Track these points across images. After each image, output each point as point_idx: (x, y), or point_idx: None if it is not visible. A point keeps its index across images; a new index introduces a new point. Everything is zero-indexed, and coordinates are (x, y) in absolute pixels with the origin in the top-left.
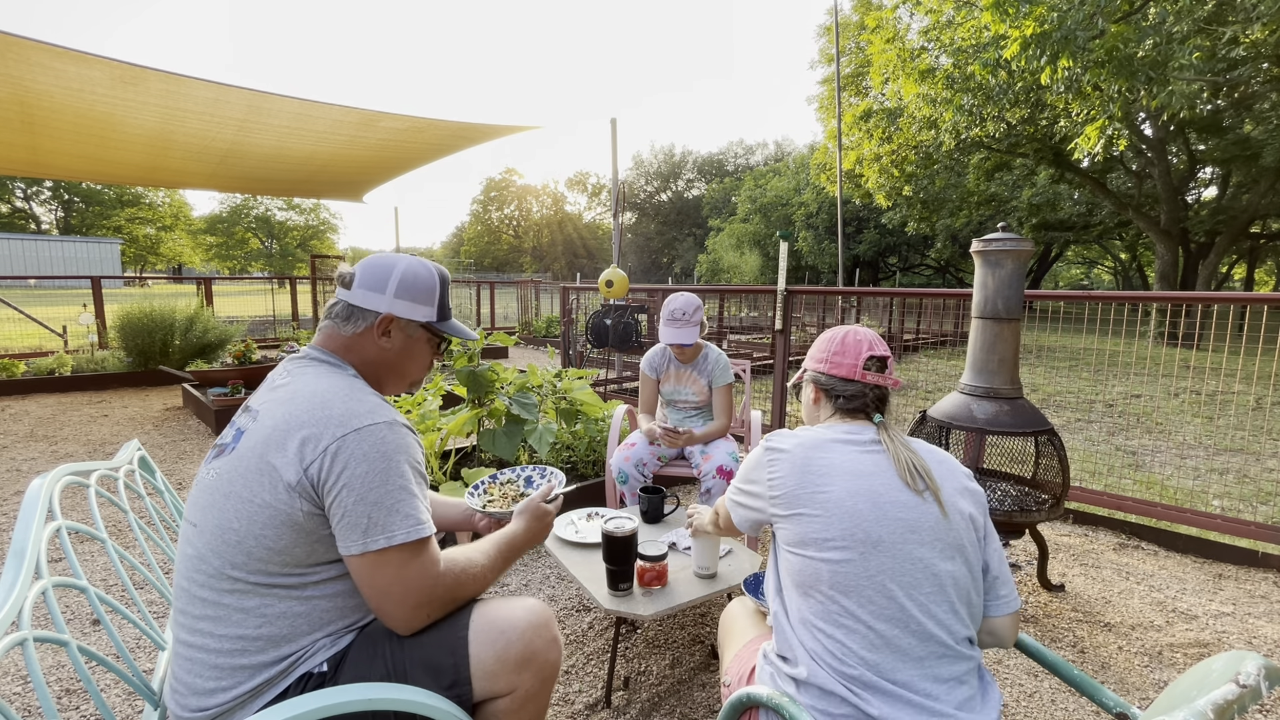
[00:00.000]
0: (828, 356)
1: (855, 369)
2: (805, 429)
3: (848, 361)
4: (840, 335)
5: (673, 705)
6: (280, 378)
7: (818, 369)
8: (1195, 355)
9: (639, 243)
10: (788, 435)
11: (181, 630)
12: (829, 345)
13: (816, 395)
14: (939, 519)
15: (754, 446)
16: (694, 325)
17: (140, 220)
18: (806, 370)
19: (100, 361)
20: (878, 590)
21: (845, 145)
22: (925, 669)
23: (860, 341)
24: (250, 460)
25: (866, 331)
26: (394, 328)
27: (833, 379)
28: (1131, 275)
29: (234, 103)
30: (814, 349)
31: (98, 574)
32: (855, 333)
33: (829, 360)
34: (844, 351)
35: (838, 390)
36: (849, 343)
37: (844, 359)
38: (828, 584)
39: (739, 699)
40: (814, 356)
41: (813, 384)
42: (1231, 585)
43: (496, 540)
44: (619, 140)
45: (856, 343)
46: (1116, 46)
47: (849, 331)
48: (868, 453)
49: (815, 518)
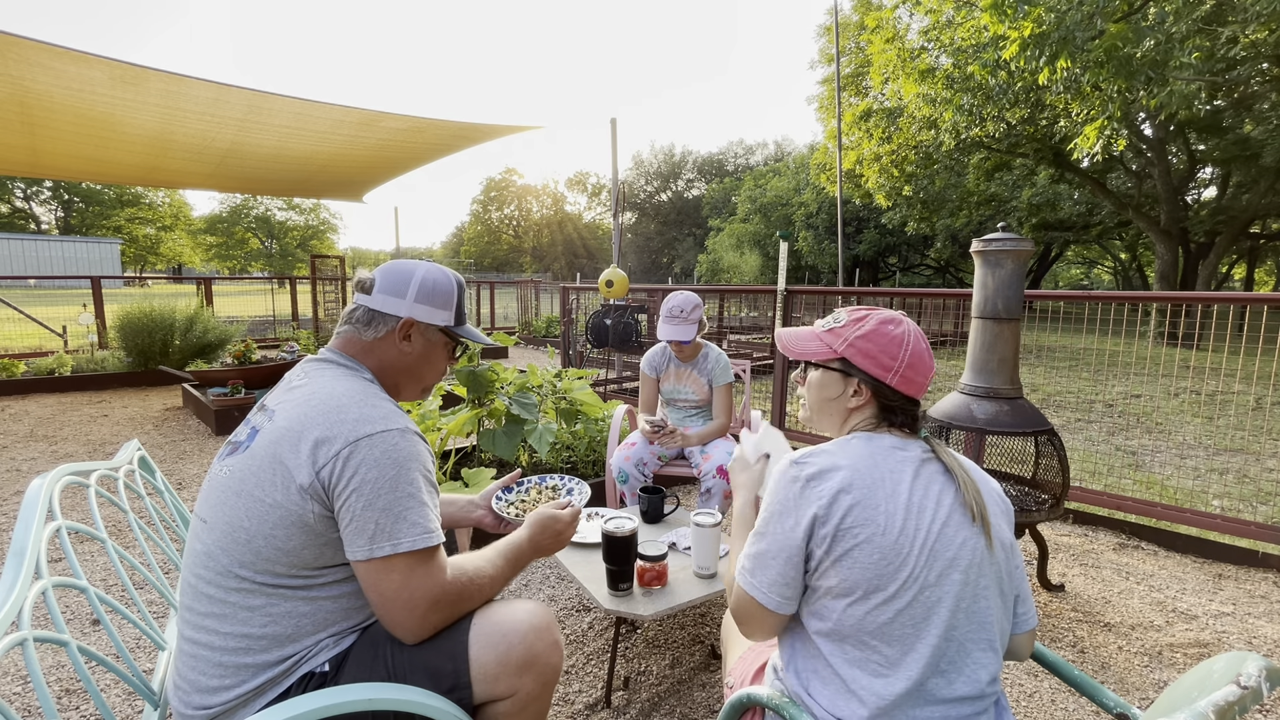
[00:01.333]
0: (898, 368)
1: (924, 387)
2: (848, 444)
3: (919, 379)
4: (910, 342)
5: (673, 705)
6: (298, 378)
7: (880, 376)
8: (1195, 355)
9: (639, 243)
10: (831, 456)
11: (186, 627)
12: (898, 352)
13: (864, 401)
14: (985, 553)
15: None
16: (692, 323)
17: (140, 220)
18: (856, 368)
19: (100, 361)
20: (922, 635)
21: (845, 145)
22: (949, 709)
23: (928, 353)
24: (263, 459)
25: (919, 331)
26: (414, 332)
27: (898, 395)
28: (1131, 275)
29: (234, 103)
30: (864, 342)
31: (98, 574)
32: (919, 338)
33: (899, 373)
34: (917, 367)
35: (900, 408)
36: (921, 354)
37: (916, 375)
38: (872, 632)
39: (739, 699)
40: (870, 356)
41: (869, 391)
42: (1231, 585)
43: (503, 548)
44: (619, 140)
45: (927, 356)
46: (1115, 46)
47: (915, 336)
48: (927, 478)
49: (868, 562)
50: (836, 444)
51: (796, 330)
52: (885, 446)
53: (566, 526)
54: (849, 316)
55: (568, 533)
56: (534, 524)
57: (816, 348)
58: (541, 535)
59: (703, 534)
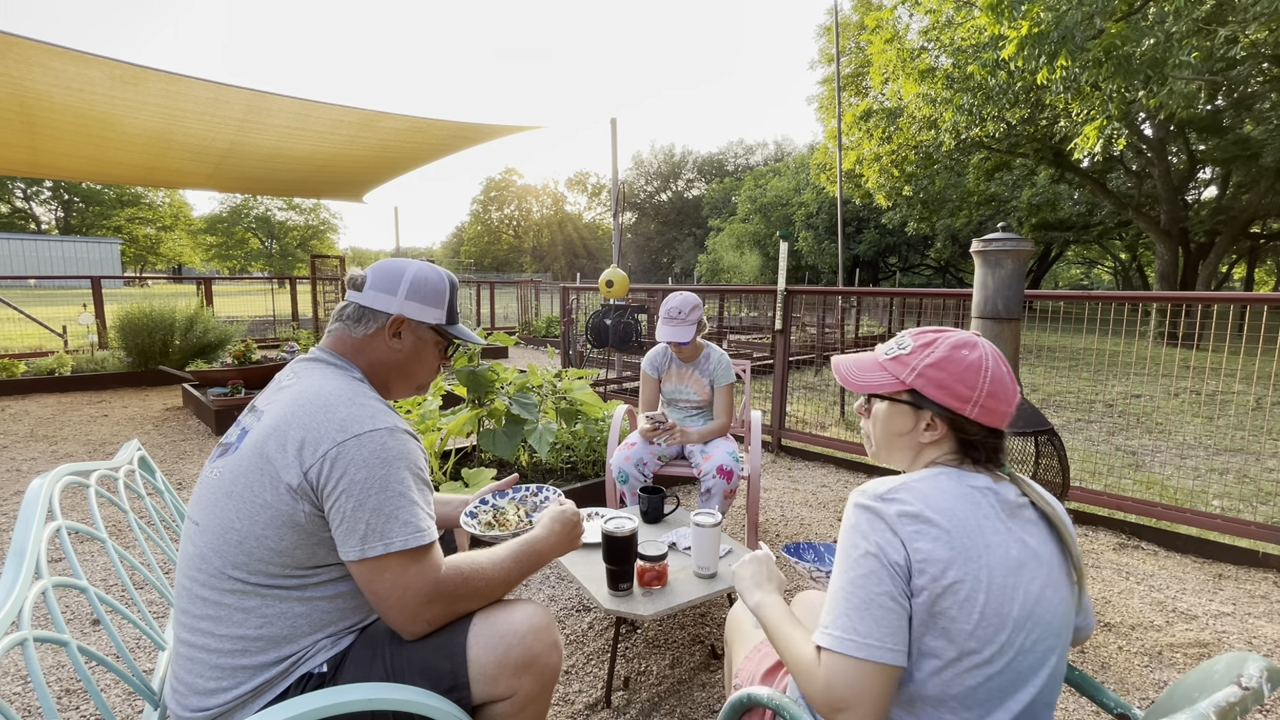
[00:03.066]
0: (978, 398)
1: (1009, 417)
2: (935, 481)
3: (1002, 409)
4: (989, 367)
5: (673, 705)
6: (287, 378)
7: (957, 409)
8: (1195, 355)
9: (639, 243)
10: (919, 494)
11: (182, 630)
12: (976, 380)
13: (939, 435)
14: (1073, 604)
15: (754, 446)
16: (690, 324)
17: (140, 220)
18: (928, 400)
19: (100, 361)
20: (1006, 701)
21: (845, 145)
22: None
23: (1009, 377)
24: (252, 460)
25: (997, 352)
26: (405, 329)
27: (979, 428)
28: (1131, 275)
29: (234, 103)
30: (936, 370)
31: (98, 574)
32: (998, 361)
33: (979, 404)
34: (1000, 395)
35: (981, 442)
36: (1002, 379)
37: (999, 404)
38: (954, 695)
39: (740, 699)
40: (943, 386)
41: (944, 425)
42: (1231, 585)
43: (514, 548)
44: (619, 140)
45: (1009, 381)
46: (1114, 46)
47: (994, 359)
48: (1023, 526)
49: (966, 623)
50: (922, 480)
51: (856, 358)
52: (978, 487)
53: (579, 519)
54: (915, 341)
55: (580, 531)
56: (551, 521)
57: (881, 378)
58: (562, 530)
59: (703, 534)
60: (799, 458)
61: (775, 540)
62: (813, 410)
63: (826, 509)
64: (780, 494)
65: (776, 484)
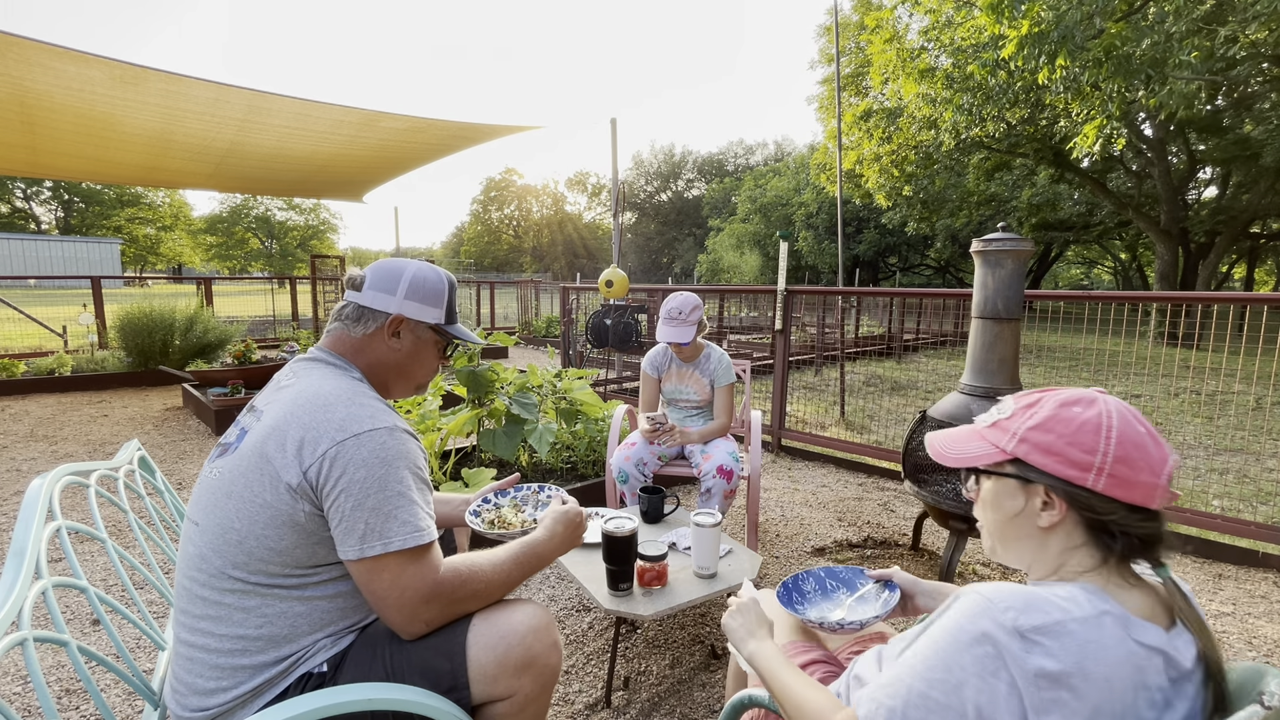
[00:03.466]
0: (1102, 464)
1: (1157, 490)
2: (1090, 622)
3: (1144, 479)
4: (1112, 424)
5: (673, 705)
6: (286, 378)
7: (1074, 479)
8: (1195, 355)
9: (639, 243)
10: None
11: (182, 630)
12: (1096, 440)
13: (1060, 516)
14: None
15: (754, 446)
16: (690, 324)
17: (140, 220)
18: (1034, 469)
19: (100, 361)
20: None
21: (845, 145)
22: None
23: (1151, 437)
24: (252, 460)
25: (1127, 409)
26: (404, 329)
27: (1114, 504)
28: (1131, 275)
29: (234, 102)
30: (1041, 433)
31: (98, 574)
32: (1128, 419)
33: (1105, 471)
34: (1135, 460)
35: (1123, 525)
36: (1137, 440)
37: (1136, 473)
38: None
39: (740, 699)
40: (1052, 451)
41: (1061, 499)
42: (1231, 585)
43: (514, 549)
44: (619, 140)
45: (1150, 441)
46: (1114, 45)
47: (1122, 415)
48: (1182, 699)
49: None
50: (1085, 622)
51: (951, 432)
52: (1149, 646)
53: (581, 519)
54: (1017, 403)
55: (582, 530)
56: (553, 522)
57: (979, 449)
58: (564, 531)
59: (703, 534)
60: (799, 458)
61: (775, 541)
62: (813, 410)
63: (826, 509)
64: (780, 494)
65: (776, 484)
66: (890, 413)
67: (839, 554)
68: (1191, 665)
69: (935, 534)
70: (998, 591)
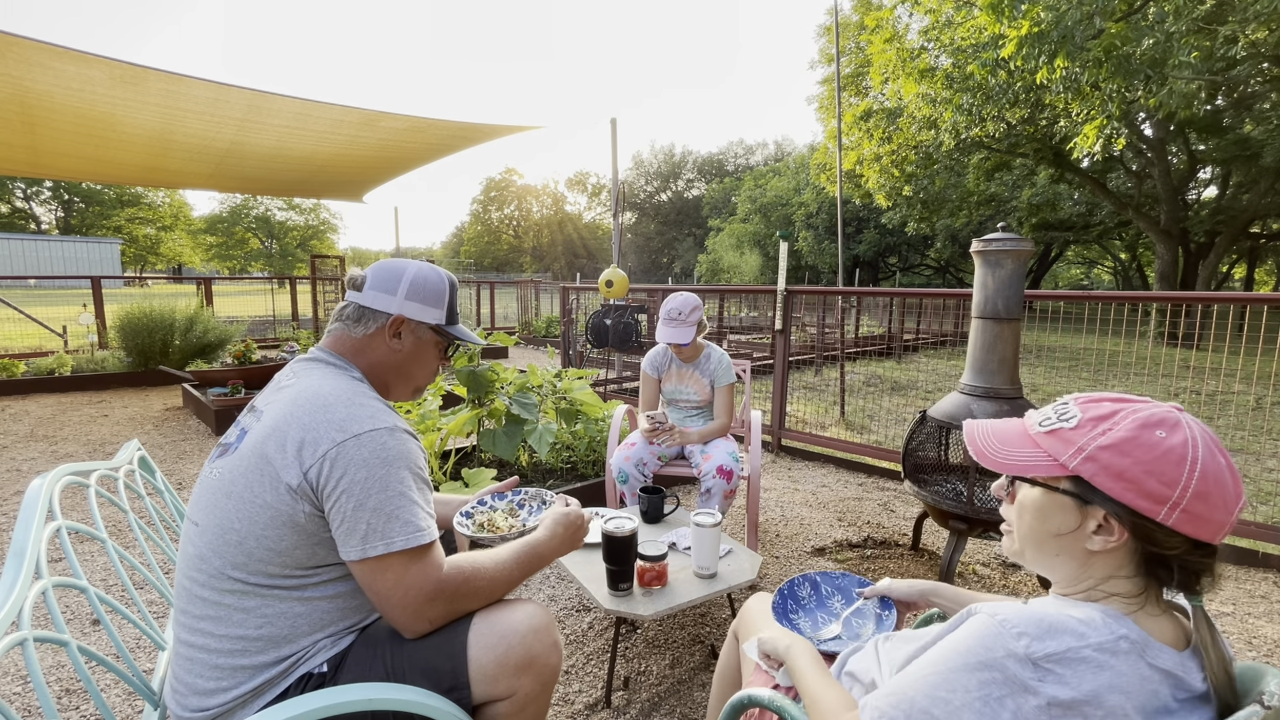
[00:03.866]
0: (1180, 499)
1: (1227, 527)
2: (1107, 648)
3: (1217, 516)
4: (1198, 455)
5: (673, 705)
6: (286, 378)
7: (1148, 510)
8: (1195, 355)
9: (639, 243)
10: (1083, 671)
11: (182, 630)
12: (1179, 473)
13: (1117, 543)
14: None
15: (754, 446)
16: (690, 325)
17: (140, 220)
18: (1102, 495)
19: (100, 361)
20: None
21: (845, 145)
22: None
23: (1230, 471)
24: (252, 460)
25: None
26: (405, 329)
27: (1180, 538)
28: (1131, 275)
29: (234, 102)
30: (1116, 455)
31: (98, 574)
32: (1212, 448)
33: (1182, 507)
34: (1214, 498)
35: (1182, 560)
36: (1218, 475)
37: (1212, 510)
38: None
39: (740, 700)
40: (1129, 480)
41: (1124, 528)
42: (1231, 585)
43: (515, 549)
44: (619, 140)
45: (1229, 476)
46: (1114, 45)
47: (1206, 444)
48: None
49: None
50: (1102, 649)
51: (996, 426)
52: (1162, 670)
53: (580, 526)
54: (1084, 412)
55: (583, 532)
56: (554, 523)
57: (1032, 457)
58: (565, 532)
59: (703, 534)
60: (799, 458)
61: (775, 541)
62: (813, 410)
63: (826, 509)
64: (780, 494)
65: (776, 484)
66: (890, 413)
67: (839, 554)
68: (1202, 686)
69: (935, 534)
70: (1010, 615)
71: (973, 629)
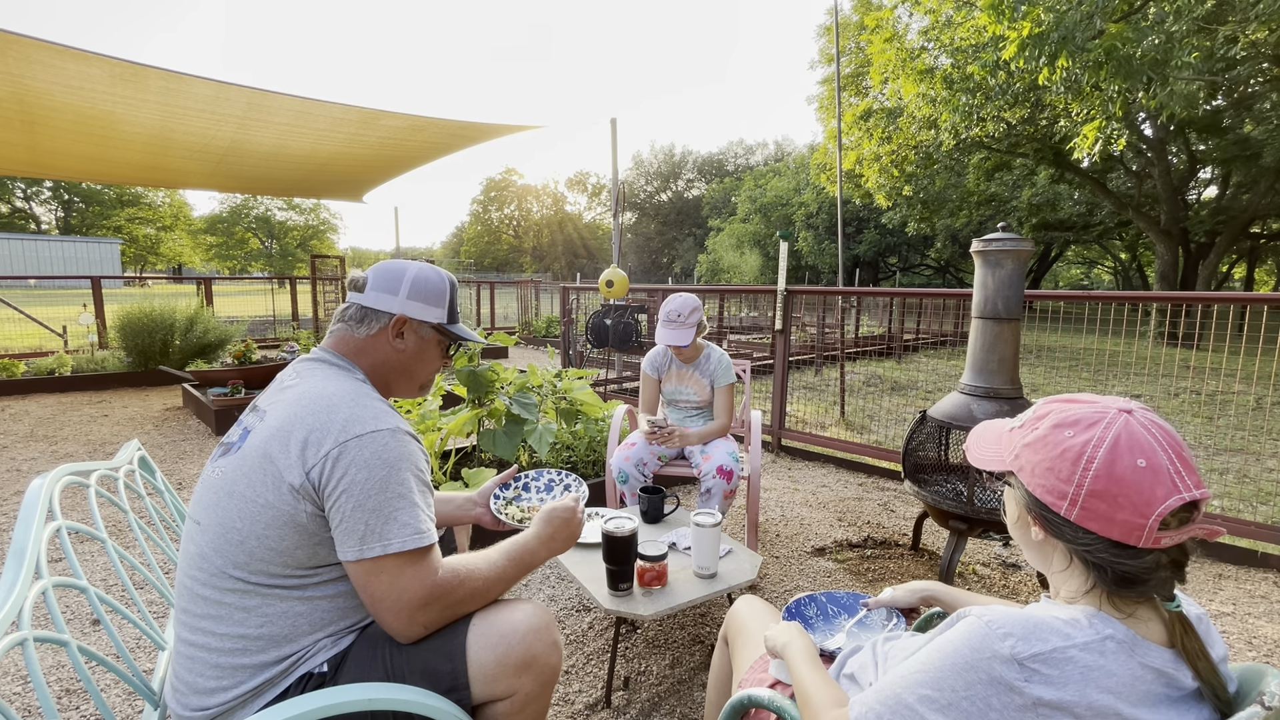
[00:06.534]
0: (1075, 493)
1: (1144, 529)
2: (1094, 646)
3: (1121, 516)
4: (1095, 454)
5: (673, 705)
6: (289, 378)
7: (1052, 504)
8: (1195, 355)
9: (639, 243)
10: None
11: (183, 629)
12: (1072, 470)
13: (1043, 537)
14: None
15: (754, 446)
16: (690, 327)
17: (140, 220)
18: (1023, 487)
19: (100, 361)
20: None
21: (845, 145)
22: None
23: (1157, 467)
24: (255, 460)
25: (1157, 425)
26: (407, 329)
27: (1091, 536)
28: (1131, 275)
29: (234, 101)
30: (1032, 452)
31: (98, 574)
32: (1130, 445)
33: (1078, 502)
34: (1117, 496)
35: (1100, 560)
36: (1142, 474)
37: (1114, 509)
38: None
39: (740, 700)
40: (1035, 473)
41: (1039, 522)
42: (1231, 585)
43: (506, 549)
44: (619, 140)
45: (1148, 472)
46: (1115, 46)
47: (1116, 444)
48: (1171, 700)
49: None
50: (1088, 648)
51: (989, 426)
52: (1153, 668)
53: (578, 520)
54: (1033, 413)
55: (579, 527)
56: (544, 521)
57: (994, 453)
58: (556, 530)
59: (703, 534)
60: (799, 458)
61: (775, 541)
62: (813, 410)
63: (826, 509)
64: (780, 494)
65: (776, 484)
66: (890, 413)
67: (839, 554)
68: (1192, 684)
69: (935, 534)
70: (997, 616)
71: (961, 630)
